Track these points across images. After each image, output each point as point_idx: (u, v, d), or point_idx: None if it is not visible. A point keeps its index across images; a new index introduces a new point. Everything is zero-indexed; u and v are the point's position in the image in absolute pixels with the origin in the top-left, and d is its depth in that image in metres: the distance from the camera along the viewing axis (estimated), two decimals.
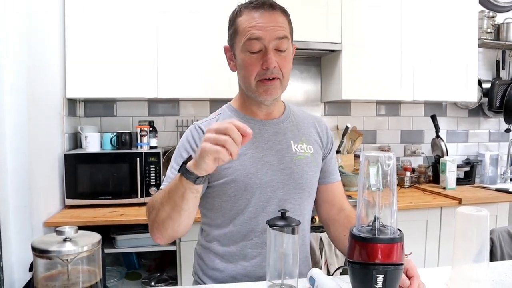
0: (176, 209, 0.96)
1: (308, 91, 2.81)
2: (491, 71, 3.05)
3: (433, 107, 3.02)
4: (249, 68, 1.08)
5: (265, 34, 1.05)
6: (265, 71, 1.07)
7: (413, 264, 0.98)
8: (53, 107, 2.05)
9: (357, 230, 0.85)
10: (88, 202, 2.13)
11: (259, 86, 1.09)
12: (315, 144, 1.23)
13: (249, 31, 1.05)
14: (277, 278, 0.93)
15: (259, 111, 1.18)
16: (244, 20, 1.07)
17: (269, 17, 1.06)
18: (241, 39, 1.07)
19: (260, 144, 1.15)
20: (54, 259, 0.64)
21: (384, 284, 0.81)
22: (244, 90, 1.15)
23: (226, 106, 1.23)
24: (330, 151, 1.28)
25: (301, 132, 1.21)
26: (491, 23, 2.85)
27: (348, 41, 2.45)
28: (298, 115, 1.26)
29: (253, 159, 1.12)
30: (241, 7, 1.10)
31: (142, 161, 2.17)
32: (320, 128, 1.27)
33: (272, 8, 1.07)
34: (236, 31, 1.09)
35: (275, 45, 1.06)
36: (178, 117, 2.63)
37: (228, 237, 1.14)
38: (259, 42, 1.05)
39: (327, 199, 1.25)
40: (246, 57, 1.08)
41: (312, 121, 1.27)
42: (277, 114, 1.21)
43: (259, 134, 1.15)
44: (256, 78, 1.08)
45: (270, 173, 1.13)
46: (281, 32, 1.07)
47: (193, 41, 2.27)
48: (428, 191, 2.57)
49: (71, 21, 2.15)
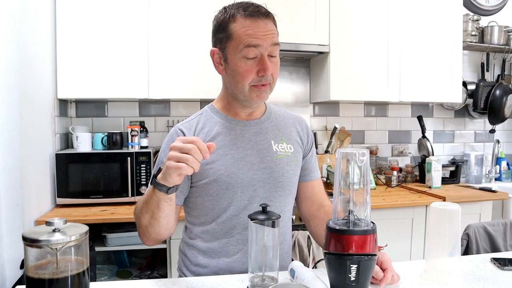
0: (154, 217, 1.04)
1: (297, 92, 2.86)
2: (476, 73, 3.13)
3: (420, 108, 3.08)
4: (245, 74, 1.10)
5: (263, 42, 1.08)
6: (260, 77, 1.10)
7: (387, 257, 1.03)
8: (44, 107, 2.08)
9: (333, 223, 0.90)
10: (79, 201, 2.16)
11: (252, 91, 1.12)
12: (295, 144, 1.26)
13: (246, 38, 1.08)
14: (259, 270, 0.97)
15: (242, 112, 1.21)
16: (240, 27, 1.09)
17: (264, 25, 1.09)
18: (236, 45, 1.09)
19: (241, 144, 1.18)
20: (43, 248, 0.68)
21: (357, 274, 0.86)
22: (234, 94, 1.17)
23: (208, 107, 1.25)
24: (310, 149, 1.32)
25: (281, 132, 1.25)
26: (475, 26, 2.92)
27: (336, 42, 2.50)
28: (279, 115, 1.29)
29: (235, 159, 1.16)
30: (234, 12, 1.11)
31: (132, 160, 2.21)
32: (301, 127, 1.30)
33: (266, 16, 1.11)
34: (230, 37, 1.11)
35: (269, 51, 1.10)
36: (169, 118, 2.67)
37: (210, 234, 1.19)
38: (256, 49, 1.08)
39: (308, 196, 1.30)
40: (242, 63, 1.10)
41: (293, 120, 1.30)
42: (259, 115, 1.24)
43: (240, 134, 1.19)
44: (251, 83, 1.11)
45: (251, 173, 1.16)
46: (275, 39, 1.11)
47: (184, 42, 2.31)
48: (414, 190, 2.63)
49: (62, 22, 2.18)
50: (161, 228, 1.06)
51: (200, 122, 1.20)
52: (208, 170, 1.14)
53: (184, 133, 1.18)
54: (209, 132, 1.18)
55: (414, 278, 1.08)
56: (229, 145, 1.16)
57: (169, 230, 1.11)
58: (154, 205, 1.01)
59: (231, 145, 1.17)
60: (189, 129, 1.19)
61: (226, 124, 1.19)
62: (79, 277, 0.72)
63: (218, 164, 1.14)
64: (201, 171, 1.13)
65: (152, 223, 1.05)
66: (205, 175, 1.14)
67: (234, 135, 1.18)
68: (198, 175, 1.14)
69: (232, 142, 1.17)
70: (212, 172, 1.14)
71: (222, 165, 1.14)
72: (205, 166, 1.14)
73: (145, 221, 1.06)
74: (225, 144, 1.16)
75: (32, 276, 0.69)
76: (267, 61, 1.09)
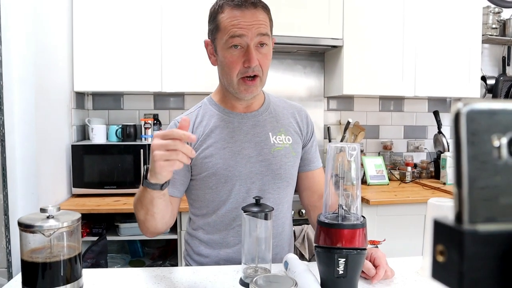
0: (149, 213, 1.05)
1: (311, 86, 2.85)
2: (496, 68, 3.04)
3: (437, 103, 3.02)
4: (231, 66, 1.11)
5: (247, 32, 1.07)
6: (246, 68, 1.10)
7: (381, 253, 1.03)
8: (60, 99, 2.15)
9: (323, 217, 0.91)
10: (93, 192, 2.23)
11: (241, 84, 1.12)
12: (294, 134, 1.26)
13: (231, 29, 1.08)
14: (252, 261, 0.99)
15: (238, 105, 1.22)
16: (226, 17, 1.09)
17: (251, 15, 1.08)
18: (222, 36, 1.10)
19: (239, 137, 1.19)
20: (37, 233, 0.72)
21: (345, 268, 0.86)
22: (225, 86, 1.18)
23: (206, 99, 1.27)
24: (310, 139, 1.31)
25: (279, 123, 1.25)
26: (496, 19, 2.83)
27: (349, 36, 2.48)
28: (278, 105, 1.28)
29: (233, 153, 1.17)
30: (222, 2, 1.11)
31: (145, 152, 2.26)
32: (300, 117, 1.29)
33: (254, 6, 1.09)
34: (217, 28, 1.12)
35: (256, 42, 1.09)
36: (183, 110, 2.70)
37: (211, 226, 1.21)
38: (241, 39, 1.08)
39: (308, 186, 1.30)
40: (227, 54, 1.10)
41: (292, 110, 1.29)
42: (257, 106, 1.24)
43: (238, 127, 1.20)
44: (238, 75, 1.11)
45: (249, 165, 1.18)
46: (262, 29, 1.10)
47: (196, 35, 2.32)
48: (428, 186, 2.59)
49: (79, 16, 2.24)
50: (157, 223, 1.08)
51: (199, 115, 1.22)
52: (207, 163, 1.16)
53: None
54: (207, 126, 1.19)
55: (410, 274, 1.08)
56: (227, 138, 1.18)
57: (166, 224, 1.13)
58: (148, 202, 1.02)
59: (229, 138, 1.18)
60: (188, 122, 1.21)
61: (224, 117, 1.21)
62: (70, 262, 0.76)
63: (216, 157, 1.16)
64: (200, 165, 1.16)
65: (148, 219, 1.07)
66: (204, 169, 1.16)
67: (231, 128, 1.19)
68: (197, 168, 1.17)
69: (230, 136, 1.18)
70: (211, 165, 1.16)
71: (221, 159, 1.16)
72: (204, 159, 1.16)
73: (141, 217, 1.08)
74: (223, 138, 1.18)
75: (26, 260, 0.73)
76: (253, 51, 1.08)
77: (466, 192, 0.24)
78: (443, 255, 0.23)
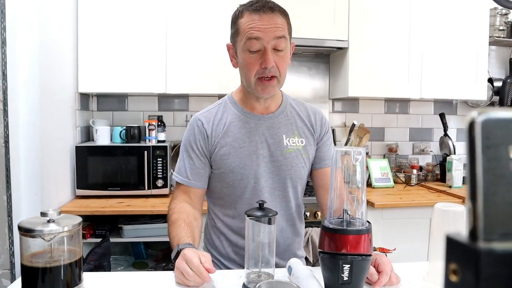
0: None
1: (316, 88, 2.84)
2: (504, 70, 3.01)
3: (443, 105, 3.00)
4: (249, 67, 1.17)
5: (264, 35, 1.13)
6: (263, 70, 1.15)
7: (386, 259, 1.01)
8: (65, 100, 2.14)
9: (328, 222, 0.89)
10: (97, 193, 2.23)
11: (258, 84, 1.18)
12: (308, 136, 1.31)
13: (249, 31, 1.14)
14: (255, 266, 0.98)
15: (257, 105, 1.27)
16: (245, 21, 1.15)
17: (268, 19, 1.14)
18: (241, 39, 1.16)
19: (255, 138, 1.26)
20: (37, 237, 0.71)
21: (350, 274, 0.85)
22: (245, 86, 1.24)
23: (227, 97, 1.33)
24: (322, 138, 1.34)
25: (294, 126, 1.30)
26: (504, 21, 2.80)
27: (355, 38, 2.46)
28: (295, 107, 1.34)
29: (249, 152, 1.25)
30: (242, 8, 1.18)
31: (149, 154, 2.25)
32: (315, 119, 1.34)
33: (272, 11, 1.15)
34: (237, 31, 1.18)
35: (273, 44, 1.14)
36: (187, 112, 2.70)
37: (230, 217, 1.29)
38: (258, 42, 1.14)
39: (321, 184, 1.33)
40: (246, 56, 1.16)
41: (307, 113, 1.34)
42: (274, 108, 1.30)
43: (254, 128, 1.26)
44: (256, 76, 1.17)
45: (262, 165, 1.25)
46: (279, 32, 1.14)
47: (201, 38, 2.33)
48: (434, 189, 2.56)
49: (84, 18, 2.24)
50: None
51: (218, 112, 1.29)
52: (225, 161, 1.24)
53: (203, 123, 1.26)
54: (226, 124, 1.26)
55: (416, 280, 1.06)
56: (244, 138, 1.25)
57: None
58: None
59: (246, 138, 1.25)
60: (208, 120, 1.27)
61: (242, 117, 1.27)
62: (71, 267, 0.75)
63: (234, 156, 1.24)
64: (219, 161, 1.24)
65: None
66: (222, 165, 1.24)
67: (248, 128, 1.26)
68: (216, 164, 1.26)
69: (247, 135, 1.25)
70: (228, 163, 1.24)
71: (238, 157, 1.24)
72: (222, 157, 1.24)
73: None
74: (240, 137, 1.25)
75: (26, 264, 0.72)
76: (269, 53, 1.14)
77: (481, 207, 0.22)
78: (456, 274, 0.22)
